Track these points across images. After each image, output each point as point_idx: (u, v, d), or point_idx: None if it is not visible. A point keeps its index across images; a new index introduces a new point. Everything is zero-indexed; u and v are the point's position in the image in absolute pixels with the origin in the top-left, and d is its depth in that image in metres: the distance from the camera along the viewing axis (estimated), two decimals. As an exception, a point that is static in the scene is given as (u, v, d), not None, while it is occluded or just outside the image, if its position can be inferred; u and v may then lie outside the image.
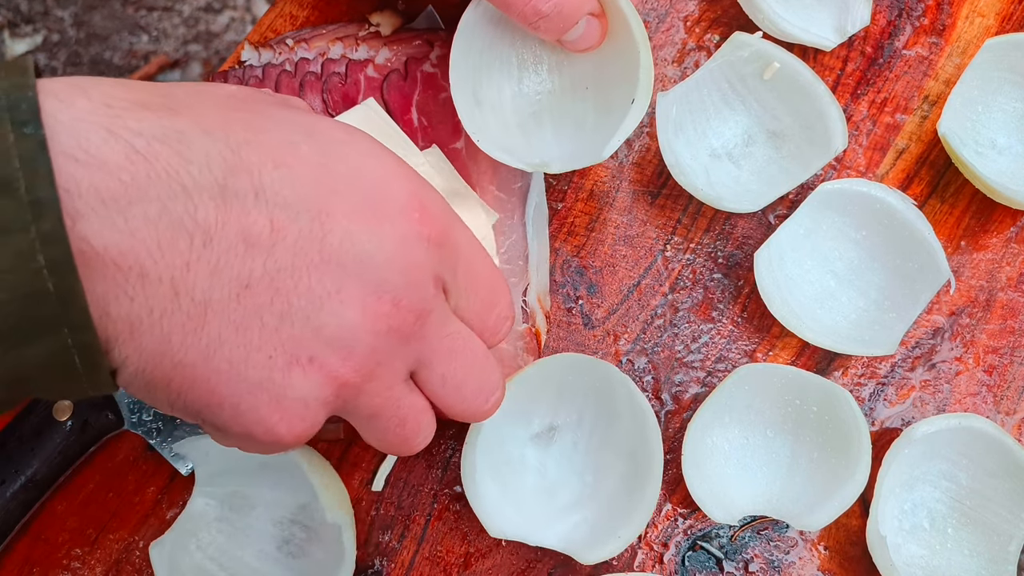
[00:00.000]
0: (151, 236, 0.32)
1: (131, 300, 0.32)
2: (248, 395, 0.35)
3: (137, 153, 0.31)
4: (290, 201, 0.34)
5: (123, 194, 0.31)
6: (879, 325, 0.53)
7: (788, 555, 0.52)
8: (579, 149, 0.53)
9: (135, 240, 0.31)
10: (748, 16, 0.58)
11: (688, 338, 0.55)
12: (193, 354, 0.33)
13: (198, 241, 0.32)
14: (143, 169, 0.31)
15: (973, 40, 0.59)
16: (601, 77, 0.54)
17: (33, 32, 1.41)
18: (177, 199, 0.32)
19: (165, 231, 0.32)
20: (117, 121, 0.31)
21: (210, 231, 0.32)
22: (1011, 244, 0.57)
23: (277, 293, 0.34)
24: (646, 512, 0.49)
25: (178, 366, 0.34)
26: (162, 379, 0.34)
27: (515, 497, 0.51)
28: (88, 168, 0.30)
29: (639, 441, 0.50)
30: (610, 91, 0.53)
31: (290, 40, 0.58)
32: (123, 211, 0.31)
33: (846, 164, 0.57)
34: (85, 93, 0.32)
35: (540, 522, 0.50)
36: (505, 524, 0.49)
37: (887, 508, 0.51)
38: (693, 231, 0.56)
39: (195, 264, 0.32)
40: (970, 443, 0.51)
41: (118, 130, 0.31)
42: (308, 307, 0.35)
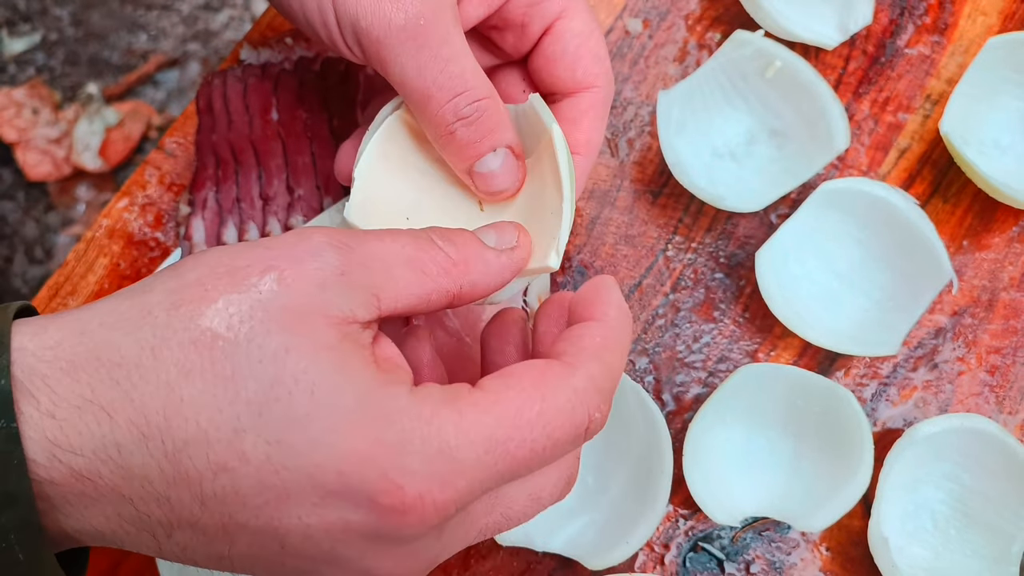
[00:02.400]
0: (116, 528, 0.33)
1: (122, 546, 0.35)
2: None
3: (79, 474, 0.32)
4: (236, 511, 0.32)
5: (77, 500, 0.32)
6: (881, 325, 0.53)
7: (790, 556, 0.52)
8: None
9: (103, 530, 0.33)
10: (750, 14, 0.58)
11: (690, 338, 0.55)
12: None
13: (161, 533, 0.33)
14: (89, 487, 0.32)
15: (975, 39, 0.59)
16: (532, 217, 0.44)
17: (31, 31, 1.41)
18: (127, 506, 0.32)
19: (128, 526, 0.33)
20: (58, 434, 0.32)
21: (168, 528, 0.33)
22: (1014, 244, 0.56)
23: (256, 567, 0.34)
24: (655, 518, 0.49)
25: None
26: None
27: None
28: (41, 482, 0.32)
29: (647, 447, 0.50)
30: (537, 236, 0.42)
31: (289, 39, 0.57)
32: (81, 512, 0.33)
33: (848, 163, 0.57)
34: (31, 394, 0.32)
35: (545, 526, 0.50)
36: (511, 531, 0.49)
37: (889, 509, 0.51)
38: (695, 231, 0.56)
39: (166, 546, 0.34)
40: (973, 444, 0.51)
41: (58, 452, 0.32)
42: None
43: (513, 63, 0.48)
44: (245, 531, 0.32)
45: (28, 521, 0.31)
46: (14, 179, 1.35)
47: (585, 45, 0.45)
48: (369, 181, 0.43)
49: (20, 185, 1.35)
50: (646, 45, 0.59)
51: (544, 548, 0.49)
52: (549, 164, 0.42)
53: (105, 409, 0.32)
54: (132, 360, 0.32)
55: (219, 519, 0.32)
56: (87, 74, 1.39)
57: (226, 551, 0.33)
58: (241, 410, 0.31)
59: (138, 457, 0.32)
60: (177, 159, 0.57)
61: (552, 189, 0.42)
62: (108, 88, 1.38)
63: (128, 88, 1.39)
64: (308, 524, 0.32)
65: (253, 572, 0.35)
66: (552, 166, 0.42)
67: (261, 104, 0.55)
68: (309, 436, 0.31)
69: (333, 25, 0.42)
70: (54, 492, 0.32)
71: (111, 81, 1.39)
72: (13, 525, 0.31)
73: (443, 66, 0.41)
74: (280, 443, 0.31)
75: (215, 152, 0.55)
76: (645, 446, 0.50)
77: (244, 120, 0.55)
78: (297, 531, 0.32)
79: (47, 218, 1.34)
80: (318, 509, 0.32)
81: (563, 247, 0.42)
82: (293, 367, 0.32)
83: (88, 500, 0.32)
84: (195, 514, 0.32)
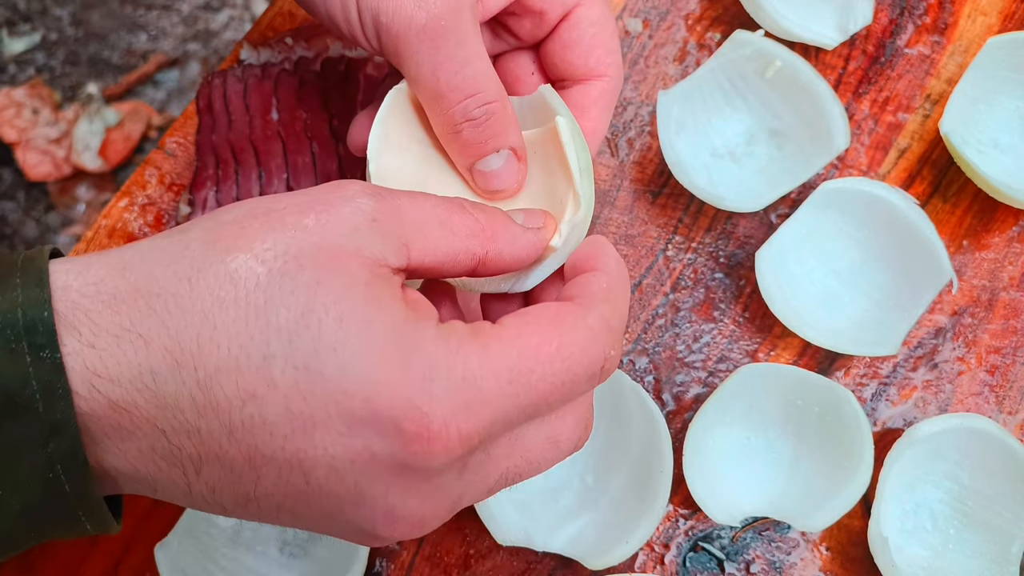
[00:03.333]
0: (149, 464, 0.34)
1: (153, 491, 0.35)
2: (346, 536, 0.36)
3: (117, 405, 0.33)
4: (262, 440, 0.33)
5: (115, 434, 0.33)
6: (881, 325, 0.53)
7: (790, 556, 0.52)
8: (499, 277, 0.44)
9: (137, 466, 0.34)
10: (749, 14, 0.58)
11: (689, 338, 0.55)
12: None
13: (191, 470, 0.34)
14: (125, 418, 0.33)
15: (975, 39, 0.59)
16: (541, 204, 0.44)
17: (31, 31, 1.41)
18: (160, 439, 0.33)
19: (160, 461, 0.34)
20: (98, 363, 0.33)
21: (197, 463, 0.33)
22: (1013, 243, 0.56)
23: (281, 508, 0.35)
24: (655, 517, 0.49)
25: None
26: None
27: (519, 500, 0.51)
28: (82, 414, 0.33)
29: (647, 446, 0.50)
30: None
31: (289, 39, 0.57)
32: (118, 445, 0.33)
33: (848, 163, 0.57)
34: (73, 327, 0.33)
35: (545, 526, 0.50)
36: (511, 531, 0.49)
37: (889, 509, 0.51)
38: (694, 230, 0.56)
39: (196, 485, 0.34)
40: (972, 443, 0.51)
41: (97, 383, 0.33)
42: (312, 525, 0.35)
43: (524, 48, 0.49)
44: (272, 465, 0.33)
45: (74, 452, 0.32)
46: (14, 179, 1.35)
47: (600, 35, 0.46)
48: (379, 159, 0.44)
49: (20, 185, 1.35)
50: (646, 45, 0.59)
51: (544, 548, 0.49)
52: (558, 152, 0.43)
53: (143, 337, 0.33)
54: (170, 290, 0.33)
55: (246, 451, 0.33)
56: (87, 74, 1.39)
57: (252, 489, 0.34)
58: (272, 337, 0.32)
59: (171, 385, 0.32)
60: (177, 159, 0.57)
61: (561, 177, 0.43)
62: (108, 88, 1.39)
63: (128, 88, 1.39)
64: (334, 455, 0.32)
65: (279, 516, 0.35)
66: (560, 155, 0.43)
67: (261, 104, 0.55)
68: (338, 363, 0.32)
69: (354, 16, 0.43)
70: (94, 425, 0.33)
71: (111, 81, 1.39)
72: (60, 456, 0.32)
73: (458, 68, 0.41)
74: (308, 369, 0.32)
75: (215, 152, 0.55)
76: (645, 445, 0.50)
77: (244, 120, 0.55)
78: (323, 463, 0.33)
79: (47, 218, 1.34)
80: (344, 439, 0.32)
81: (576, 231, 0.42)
82: (324, 298, 0.32)
83: (125, 433, 0.33)
84: (223, 447, 0.33)
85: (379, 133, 0.44)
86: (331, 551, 0.50)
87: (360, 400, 0.32)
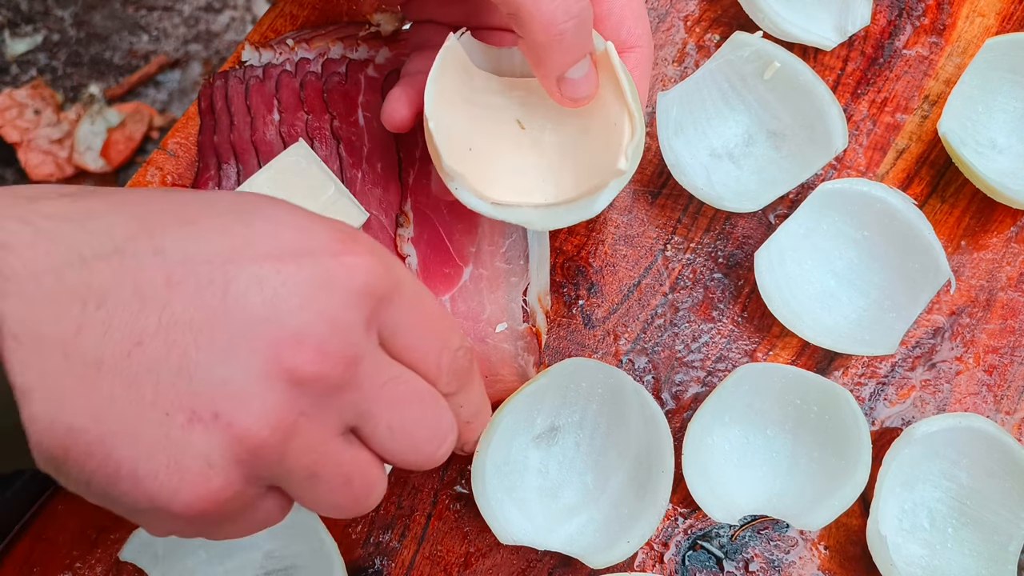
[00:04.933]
0: (46, 305, 0.32)
1: (26, 368, 0.32)
2: (146, 459, 0.33)
3: (41, 233, 0.32)
4: (191, 254, 0.33)
5: (22, 270, 0.32)
6: (879, 325, 0.53)
7: (788, 555, 0.52)
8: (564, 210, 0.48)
9: (31, 310, 0.32)
10: (748, 16, 0.58)
11: (688, 338, 0.55)
12: (84, 417, 0.32)
13: (91, 304, 0.32)
14: (44, 247, 0.32)
15: (973, 40, 0.59)
16: (589, 140, 0.49)
17: (33, 32, 1.41)
18: (72, 268, 0.32)
19: (60, 299, 0.32)
20: (32, 209, 0.32)
21: (104, 293, 0.32)
22: (1011, 244, 0.57)
23: (174, 346, 0.32)
24: (656, 516, 0.49)
25: (71, 432, 0.32)
26: (60, 450, 0.32)
27: (519, 499, 0.51)
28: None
29: (647, 445, 0.50)
30: (596, 155, 0.48)
31: (290, 40, 0.58)
32: (21, 285, 0.31)
33: (846, 164, 0.57)
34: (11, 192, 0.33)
35: (546, 525, 0.50)
36: (513, 530, 0.49)
37: (887, 508, 0.51)
38: (693, 231, 0.56)
39: (87, 326, 0.32)
40: (970, 443, 0.51)
41: (30, 216, 0.32)
42: (210, 360, 0.32)
43: None
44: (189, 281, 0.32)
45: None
46: (16, 179, 1.36)
47: (628, 7, 0.48)
48: (436, 116, 0.46)
49: (22, 186, 1.35)
50: (645, 46, 0.59)
51: (545, 546, 0.49)
52: (606, 81, 0.47)
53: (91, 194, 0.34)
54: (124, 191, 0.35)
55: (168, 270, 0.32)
56: (89, 75, 1.40)
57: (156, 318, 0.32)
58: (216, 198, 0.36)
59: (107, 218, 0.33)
60: (179, 160, 0.57)
61: (612, 103, 0.47)
62: (110, 89, 1.39)
63: (130, 89, 1.39)
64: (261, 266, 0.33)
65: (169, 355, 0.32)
66: (610, 81, 0.46)
67: (263, 105, 0.55)
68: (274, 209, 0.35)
69: None
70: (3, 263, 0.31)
71: (113, 82, 1.39)
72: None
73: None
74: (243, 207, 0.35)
75: (217, 153, 0.55)
76: (645, 444, 0.50)
77: (245, 121, 0.55)
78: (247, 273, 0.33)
79: (49, 219, 1.34)
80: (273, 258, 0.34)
81: (635, 154, 0.46)
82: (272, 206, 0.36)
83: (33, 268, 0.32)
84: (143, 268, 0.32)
85: (433, 90, 0.46)
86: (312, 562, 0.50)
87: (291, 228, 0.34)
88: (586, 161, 0.48)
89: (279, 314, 0.33)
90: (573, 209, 0.47)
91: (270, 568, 0.50)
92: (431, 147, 0.46)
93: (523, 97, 0.49)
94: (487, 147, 0.48)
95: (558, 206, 0.47)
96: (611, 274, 0.56)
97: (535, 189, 0.48)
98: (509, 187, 0.48)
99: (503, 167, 0.49)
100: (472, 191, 0.47)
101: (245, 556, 0.50)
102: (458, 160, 0.47)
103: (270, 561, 0.50)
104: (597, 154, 0.47)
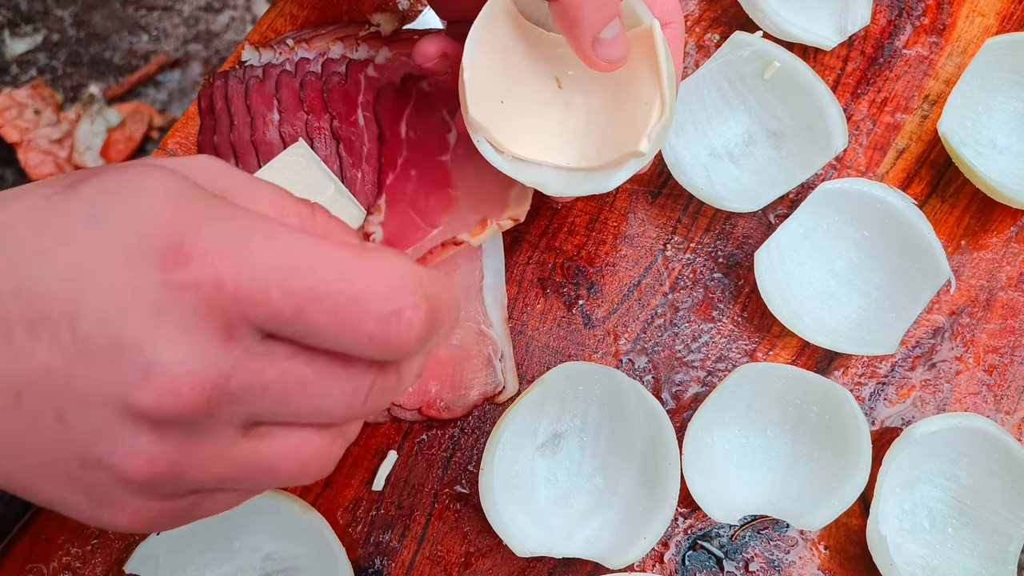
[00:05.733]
0: None
1: None
2: (71, 497, 0.33)
3: None
4: (44, 294, 0.31)
5: None
6: (879, 325, 0.53)
7: (788, 554, 0.52)
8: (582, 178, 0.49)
9: None
10: (748, 15, 0.58)
11: (688, 337, 0.55)
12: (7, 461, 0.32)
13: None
14: None
15: (973, 40, 0.59)
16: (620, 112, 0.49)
17: (33, 32, 1.41)
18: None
19: None
20: None
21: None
22: (1011, 243, 0.57)
23: (47, 397, 0.31)
24: (669, 510, 0.49)
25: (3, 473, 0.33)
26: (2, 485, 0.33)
27: (532, 511, 0.51)
28: None
29: (652, 441, 0.50)
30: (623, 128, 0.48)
31: (290, 40, 0.58)
32: None
33: (846, 164, 0.57)
34: None
35: (562, 532, 0.50)
36: (530, 542, 0.49)
37: (887, 507, 0.51)
38: (693, 231, 0.56)
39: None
40: (970, 443, 0.51)
41: None
42: (77, 407, 0.31)
43: None
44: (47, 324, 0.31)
45: None
46: (16, 179, 1.36)
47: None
48: (473, 71, 0.47)
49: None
50: (645, 46, 0.59)
51: (564, 554, 0.49)
52: (645, 58, 0.47)
53: None
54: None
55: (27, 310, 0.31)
56: (89, 75, 1.40)
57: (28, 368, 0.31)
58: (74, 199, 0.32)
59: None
60: (179, 160, 0.57)
61: (647, 82, 0.47)
62: (110, 89, 1.39)
63: (130, 89, 1.39)
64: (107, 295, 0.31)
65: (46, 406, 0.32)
66: (649, 60, 0.47)
67: (262, 105, 0.55)
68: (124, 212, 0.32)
69: None
70: None
71: (113, 82, 1.39)
72: None
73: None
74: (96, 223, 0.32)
75: (217, 153, 0.55)
76: (650, 441, 0.50)
77: (245, 121, 0.55)
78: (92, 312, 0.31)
79: (49, 219, 1.34)
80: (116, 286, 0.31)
81: (659, 138, 0.47)
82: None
83: None
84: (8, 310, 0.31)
85: (475, 40, 0.47)
86: (315, 562, 0.50)
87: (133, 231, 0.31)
88: (612, 133, 0.49)
89: (124, 352, 0.30)
90: (590, 179, 0.48)
91: (271, 569, 0.50)
92: (461, 96, 0.47)
93: (565, 55, 0.50)
94: (520, 101, 0.49)
95: (576, 172, 0.48)
96: (611, 274, 0.56)
97: (559, 150, 0.49)
98: (534, 143, 0.49)
99: (532, 123, 0.49)
100: (494, 145, 0.48)
101: (245, 558, 0.50)
102: (487, 111, 0.47)
103: (270, 563, 0.50)
104: (624, 128, 0.48)
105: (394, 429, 0.53)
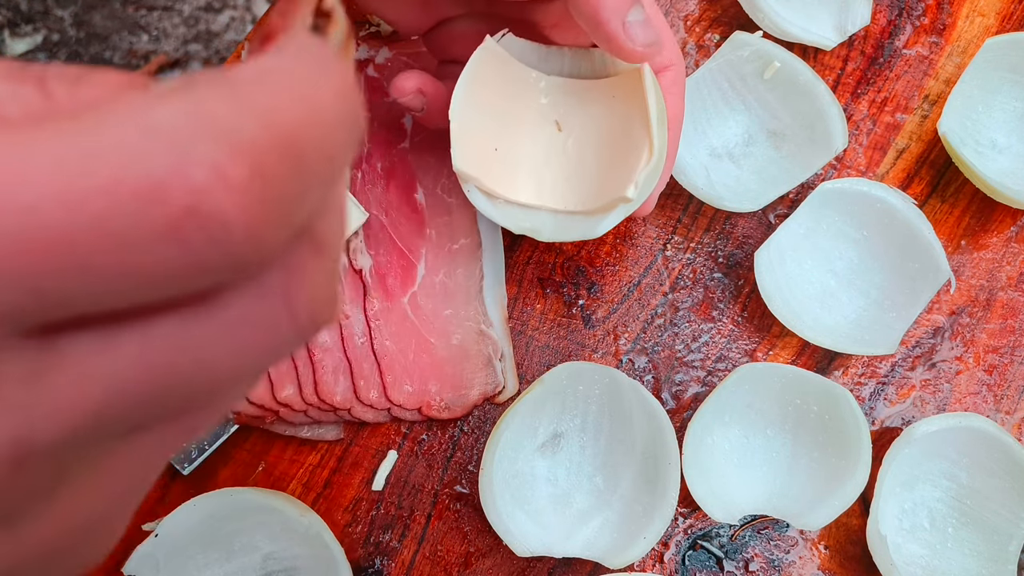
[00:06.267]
0: None
1: None
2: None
3: None
4: None
5: None
6: (879, 324, 0.53)
7: (788, 554, 0.52)
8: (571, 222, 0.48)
9: None
10: (748, 15, 0.58)
11: (688, 337, 0.55)
12: None
13: None
14: None
15: (973, 39, 0.59)
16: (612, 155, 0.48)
17: (33, 32, 1.41)
18: None
19: None
20: None
21: None
22: (1011, 243, 0.57)
23: None
24: (669, 509, 0.49)
25: None
26: None
27: (532, 510, 0.51)
28: None
29: (652, 442, 0.50)
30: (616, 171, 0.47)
31: (290, 40, 0.58)
32: None
33: (846, 163, 0.57)
34: None
35: (562, 532, 0.50)
36: (529, 542, 0.49)
37: (887, 507, 0.51)
38: (693, 230, 0.56)
39: None
40: (970, 442, 0.51)
41: None
42: None
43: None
44: None
45: None
46: (16, 180, 1.36)
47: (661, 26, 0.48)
48: (461, 120, 0.46)
49: (22, 186, 1.35)
50: (645, 46, 0.59)
51: (564, 554, 0.49)
52: (637, 103, 0.46)
53: None
54: None
55: None
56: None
57: None
58: None
59: None
60: (179, 160, 0.57)
61: (639, 128, 0.46)
62: (110, 89, 1.39)
63: (130, 89, 1.39)
64: None
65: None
66: (641, 104, 0.45)
67: (262, 105, 0.55)
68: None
69: None
70: None
71: (113, 82, 1.39)
72: None
73: None
74: None
75: (216, 153, 0.55)
76: (649, 441, 0.50)
77: (245, 121, 0.55)
78: None
79: (49, 219, 1.34)
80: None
81: (647, 182, 0.45)
82: None
83: None
84: None
85: (462, 93, 0.46)
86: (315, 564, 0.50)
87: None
88: (604, 176, 0.48)
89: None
90: (581, 224, 0.46)
91: (270, 569, 0.50)
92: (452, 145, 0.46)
93: (559, 98, 0.49)
94: (514, 146, 0.48)
95: (568, 216, 0.47)
96: (611, 274, 0.56)
97: (552, 194, 0.48)
98: (528, 188, 0.48)
99: (528, 168, 0.49)
100: (486, 193, 0.47)
101: (245, 558, 0.50)
102: (479, 160, 0.46)
103: (270, 563, 0.50)
104: (617, 171, 0.47)
105: (394, 429, 0.53)
